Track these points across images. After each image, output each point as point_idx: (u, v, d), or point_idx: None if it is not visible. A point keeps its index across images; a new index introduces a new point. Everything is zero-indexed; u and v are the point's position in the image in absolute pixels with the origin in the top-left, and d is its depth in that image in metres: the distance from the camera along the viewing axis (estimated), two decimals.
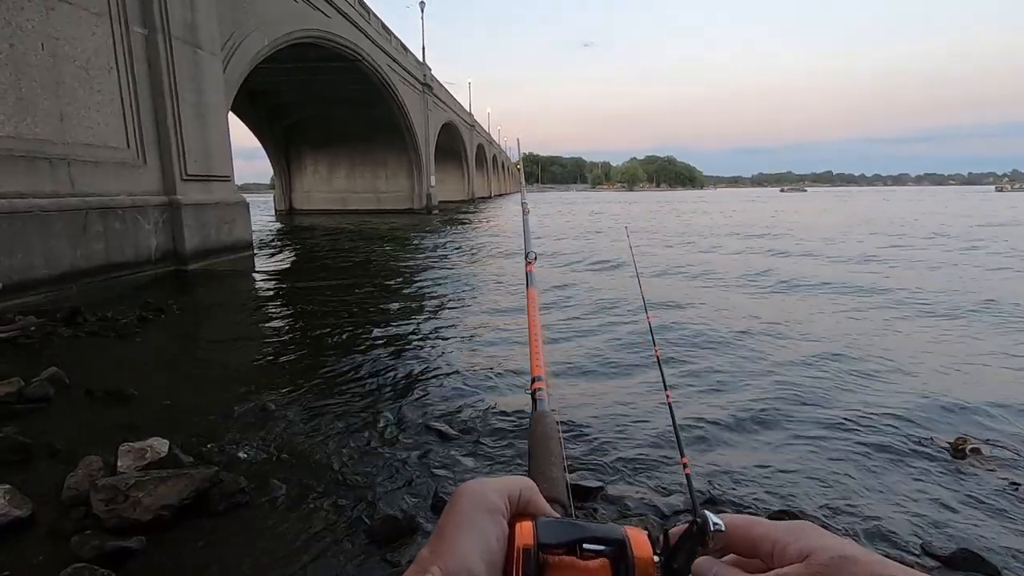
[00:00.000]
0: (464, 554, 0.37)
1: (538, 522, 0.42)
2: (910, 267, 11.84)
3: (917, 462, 3.41)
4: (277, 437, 3.63)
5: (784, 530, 0.39)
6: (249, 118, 31.52)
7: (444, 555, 0.37)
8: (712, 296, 8.82)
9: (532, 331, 0.82)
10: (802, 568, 0.36)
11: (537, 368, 0.73)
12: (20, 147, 7.38)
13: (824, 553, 0.36)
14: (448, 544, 0.38)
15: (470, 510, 0.40)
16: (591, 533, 0.41)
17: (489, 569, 0.38)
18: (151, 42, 9.76)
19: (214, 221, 11.25)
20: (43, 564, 2.31)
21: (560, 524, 0.43)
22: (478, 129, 58.42)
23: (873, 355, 5.52)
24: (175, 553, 2.45)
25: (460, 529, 0.39)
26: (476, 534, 0.39)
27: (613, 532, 0.41)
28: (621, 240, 9.93)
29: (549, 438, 0.61)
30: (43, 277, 7.43)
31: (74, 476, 2.84)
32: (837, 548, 0.36)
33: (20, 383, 4.14)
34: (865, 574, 0.34)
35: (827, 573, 0.35)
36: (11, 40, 7.27)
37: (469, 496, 0.41)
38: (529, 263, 1.08)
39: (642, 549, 0.40)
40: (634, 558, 0.40)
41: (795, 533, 0.38)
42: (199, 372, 5.10)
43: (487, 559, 0.38)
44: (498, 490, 0.43)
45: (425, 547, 0.39)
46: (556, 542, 0.41)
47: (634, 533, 0.41)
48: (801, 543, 0.37)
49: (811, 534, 0.38)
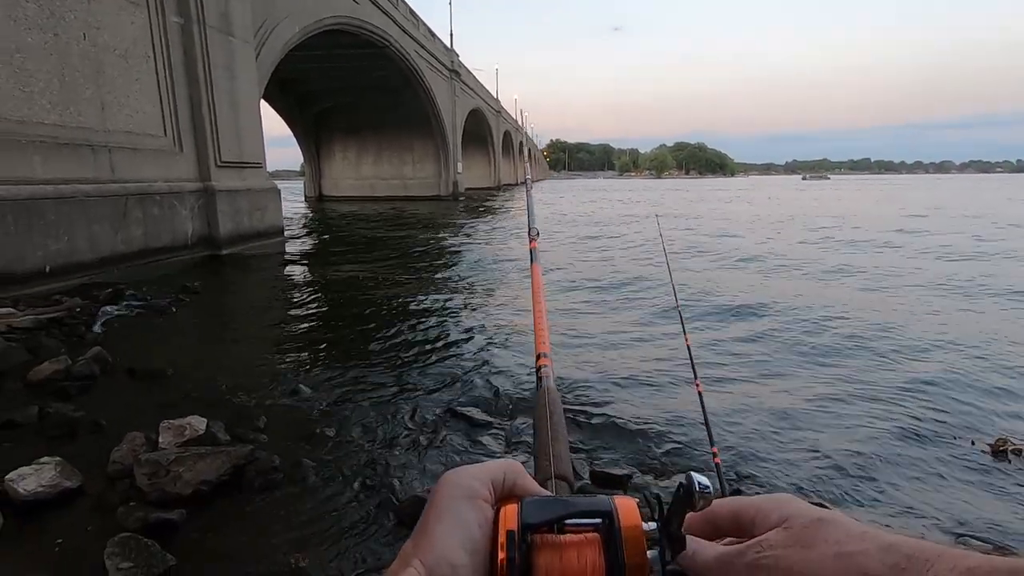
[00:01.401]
0: (445, 545, 0.37)
1: (523, 502, 0.41)
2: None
3: (955, 461, 3.32)
4: (308, 418, 3.73)
5: (766, 500, 0.41)
6: (280, 105, 31.98)
7: (425, 548, 0.37)
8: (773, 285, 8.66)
9: (537, 308, 0.80)
10: (781, 531, 0.38)
11: (542, 345, 0.72)
12: (64, 135, 7.64)
13: (802, 518, 0.38)
14: (429, 536, 0.38)
15: (449, 500, 0.40)
16: (577, 507, 0.41)
17: (473, 557, 0.38)
18: (187, 31, 9.97)
19: (247, 207, 11.51)
20: (92, 533, 2.43)
21: (545, 502, 0.42)
22: (504, 115, 58.16)
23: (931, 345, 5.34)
24: (213, 527, 2.55)
25: (440, 520, 0.39)
26: (457, 524, 0.39)
27: (600, 504, 0.40)
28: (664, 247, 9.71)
29: (553, 415, 0.60)
30: (86, 261, 7.73)
31: (119, 450, 2.97)
32: (815, 513, 0.38)
33: (67, 361, 4.33)
34: (841, 533, 0.36)
35: (805, 535, 0.36)
36: (55, 30, 7.51)
37: (448, 486, 0.41)
38: (532, 240, 1.05)
39: (629, 518, 0.39)
40: (621, 527, 0.39)
41: (777, 502, 0.40)
42: (233, 353, 5.26)
43: (469, 548, 0.38)
44: (479, 476, 0.42)
45: (408, 541, 0.39)
46: (542, 521, 0.40)
47: (622, 502, 0.40)
48: (782, 510, 0.39)
49: (792, 503, 0.39)
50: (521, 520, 0.39)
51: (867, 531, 0.36)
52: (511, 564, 0.38)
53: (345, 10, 17.89)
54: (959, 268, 10.18)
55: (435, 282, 9.29)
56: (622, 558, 0.38)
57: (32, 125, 7.20)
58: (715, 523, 0.42)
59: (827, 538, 0.36)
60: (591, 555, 0.39)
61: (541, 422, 0.60)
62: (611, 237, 15.59)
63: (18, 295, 6.51)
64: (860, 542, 0.35)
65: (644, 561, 0.39)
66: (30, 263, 6.99)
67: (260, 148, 12.44)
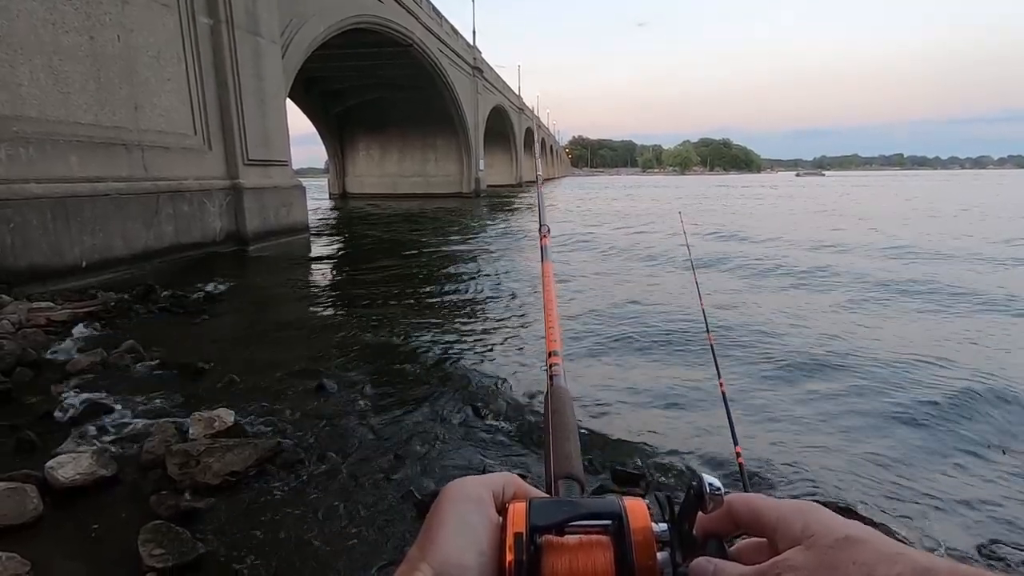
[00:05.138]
0: (452, 548, 0.37)
1: (531, 504, 0.41)
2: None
3: (980, 462, 3.23)
4: (333, 412, 3.79)
5: (789, 508, 0.38)
6: (305, 104, 32.43)
7: (432, 551, 0.37)
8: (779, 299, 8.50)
9: (548, 306, 0.79)
10: (805, 551, 0.35)
11: (553, 343, 0.71)
12: (100, 134, 7.89)
13: (828, 535, 0.35)
14: (435, 540, 0.38)
15: (454, 504, 0.40)
16: (587, 509, 0.40)
17: (479, 559, 0.38)
18: (216, 32, 10.18)
19: (273, 204, 11.73)
20: (126, 520, 2.52)
21: (554, 503, 0.42)
22: (526, 112, 58.07)
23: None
24: (241, 516, 2.61)
25: (445, 524, 0.39)
26: (463, 527, 0.39)
27: (609, 506, 0.40)
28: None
29: (564, 413, 0.60)
30: (121, 256, 7.98)
31: (151, 441, 3.06)
32: (841, 529, 0.35)
33: (103, 354, 4.48)
34: (870, 554, 0.33)
35: (831, 557, 0.34)
36: (91, 33, 7.74)
37: (452, 492, 0.41)
38: (543, 236, 1.03)
39: (639, 519, 0.39)
40: (631, 529, 0.38)
41: (801, 511, 0.37)
42: (261, 348, 5.37)
43: (476, 549, 0.38)
44: (481, 484, 0.43)
45: (414, 545, 0.39)
46: (550, 522, 0.39)
47: (632, 504, 0.40)
48: (806, 521, 0.36)
49: (816, 514, 0.37)
50: (529, 522, 0.39)
51: (900, 552, 0.33)
52: (519, 566, 0.37)
53: (370, 9, 18.06)
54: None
55: (457, 279, 9.35)
56: (632, 560, 0.38)
57: (69, 125, 7.45)
58: (735, 519, 0.41)
59: (855, 559, 0.33)
60: (600, 557, 0.38)
61: (551, 421, 0.59)
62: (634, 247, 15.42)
63: (56, 289, 6.76)
64: (892, 565, 0.32)
65: (654, 563, 0.38)
66: (68, 258, 7.24)
67: (286, 146, 12.66)
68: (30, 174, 6.89)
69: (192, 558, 2.22)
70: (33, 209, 6.81)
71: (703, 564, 0.40)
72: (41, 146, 7.05)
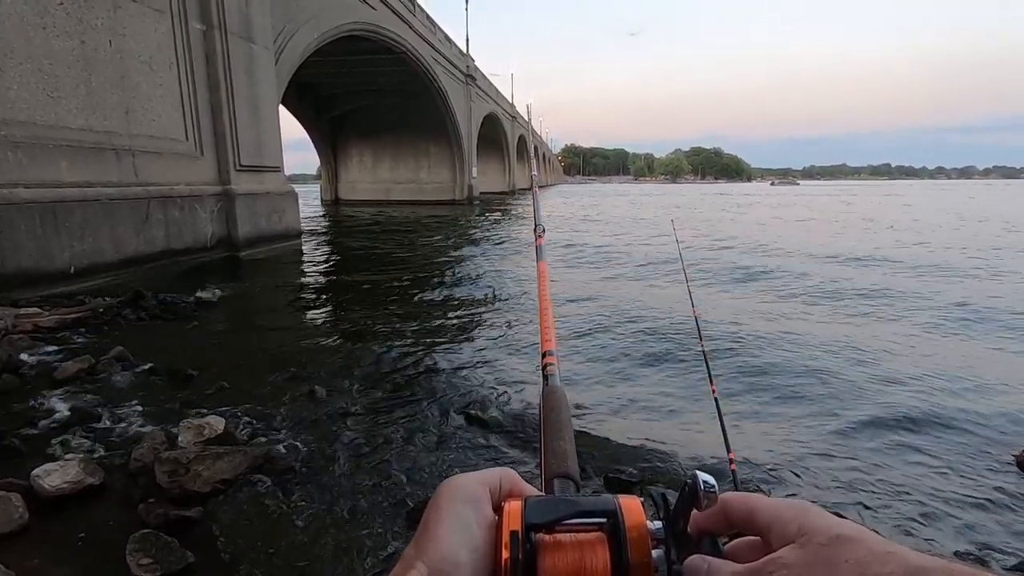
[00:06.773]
0: (447, 546, 0.38)
1: (527, 501, 0.41)
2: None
3: (978, 473, 3.25)
4: (323, 419, 3.76)
5: (783, 506, 0.39)
6: (298, 109, 32.39)
7: (427, 550, 0.37)
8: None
9: (542, 306, 0.78)
10: (798, 549, 0.36)
11: (548, 343, 0.70)
12: (90, 139, 7.83)
13: (822, 534, 0.35)
14: (430, 538, 0.38)
15: (449, 502, 0.40)
16: (582, 507, 0.41)
17: (474, 557, 0.38)
18: (208, 37, 10.16)
19: (265, 210, 11.68)
20: (113, 529, 2.48)
21: (549, 501, 0.42)
22: (519, 120, 58.27)
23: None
24: (230, 524, 2.58)
25: (441, 522, 0.39)
26: (458, 524, 0.39)
27: (605, 503, 0.40)
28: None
29: (559, 413, 0.59)
30: (110, 261, 7.90)
31: (140, 448, 3.03)
32: (835, 528, 0.36)
33: (91, 360, 4.43)
34: (863, 553, 0.33)
35: (824, 555, 0.34)
36: (82, 37, 7.71)
37: (448, 490, 0.42)
38: (539, 236, 1.03)
39: (634, 517, 0.39)
40: (626, 527, 0.39)
41: (795, 510, 0.38)
42: (251, 354, 5.33)
43: (471, 547, 0.38)
44: (477, 481, 0.43)
45: (410, 545, 0.39)
46: (545, 520, 0.40)
47: (627, 501, 0.40)
48: (800, 520, 0.37)
49: (810, 513, 0.37)
50: (525, 520, 0.39)
51: (892, 551, 0.33)
52: (515, 564, 0.38)
53: (364, 16, 18.10)
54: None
55: (450, 285, 9.33)
56: (627, 557, 0.38)
57: (59, 129, 7.39)
58: (729, 517, 0.41)
59: (848, 558, 0.33)
60: (596, 554, 0.39)
61: (547, 420, 0.59)
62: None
63: (45, 294, 6.68)
64: (884, 564, 0.32)
65: (649, 560, 0.38)
66: (56, 263, 7.16)
67: (278, 152, 12.62)
68: (19, 178, 6.82)
69: (181, 567, 2.19)
70: (22, 214, 6.74)
71: (697, 562, 0.40)
72: (31, 150, 6.99)
